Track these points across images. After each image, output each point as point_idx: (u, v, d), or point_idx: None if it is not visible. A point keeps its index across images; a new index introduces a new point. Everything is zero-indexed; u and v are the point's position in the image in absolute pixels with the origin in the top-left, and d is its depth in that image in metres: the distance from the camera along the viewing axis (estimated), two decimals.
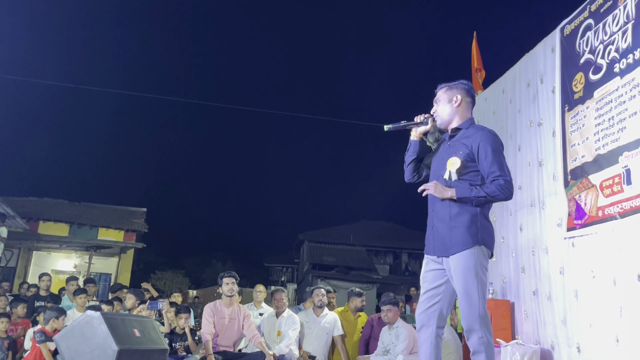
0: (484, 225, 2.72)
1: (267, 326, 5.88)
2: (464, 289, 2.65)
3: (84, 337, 4.22)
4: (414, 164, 3.07)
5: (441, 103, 2.95)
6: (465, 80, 2.99)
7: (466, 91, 2.93)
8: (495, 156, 2.72)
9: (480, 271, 2.65)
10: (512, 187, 2.71)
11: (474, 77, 6.65)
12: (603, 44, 3.97)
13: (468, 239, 2.67)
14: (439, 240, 2.79)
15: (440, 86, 3.00)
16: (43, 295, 7.49)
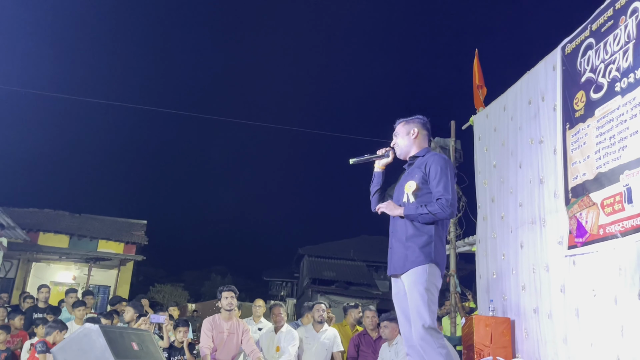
0: (438, 246, 2.92)
1: (265, 341, 5.85)
2: (412, 304, 2.83)
3: (82, 350, 4.20)
4: (378, 193, 3.28)
5: (400, 136, 3.24)
6: (421, 115, 3.28)
7: (422, 125, 3.23)
8: (442, 177, 2.95)
9: (430, 287, 2.83)
10: (453, 206, 2.91)
11: (476, 94, 6.68)
12: (604, 63, 4.00)
13: (421, 257, 2.87)
14: (395, 259, 3.00)
15: (399, 121, 3.29)
16: (41, 307, 7.45)
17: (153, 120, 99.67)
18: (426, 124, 3.24)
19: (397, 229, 3.04)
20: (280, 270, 34.39)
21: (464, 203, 7.68)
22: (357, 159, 3.28)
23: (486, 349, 4.65)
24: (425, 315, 2.76)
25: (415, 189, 3.00)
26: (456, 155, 8.12)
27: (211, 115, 37.37)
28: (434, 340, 2.73)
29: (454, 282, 7.74)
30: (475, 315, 5.10)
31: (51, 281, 15.51)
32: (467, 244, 8.06)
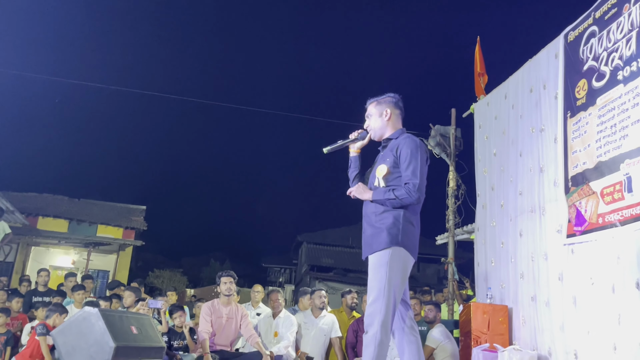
0: (406, 228, 2.86)
1: (264, 326, 5.88)
2: (372, 284, 2.78)
3: (81, 333, 4.22)
4: (358, 178, 3.20)
5: (373, 117, 3.15)
6: (392, 93, 3.16)
7: (394, 104, 3.13)
8: (411, 161, 2.89)
9: (392, 270, 2.77)
10: (421, 191, 2.86)
11: (477, 82, 6.66)
12: (607, 51, 3.98)
13: (387, 239, 2.81)
14: (365, 242, 2.96)
15: (370, 101, 3.18)
16: (41, 291, 7.48)
17: (153, 105, 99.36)
18: (398, 103, 3.15)
19: (367, 211, 3.00)
20: (279, 257, 34.51)
21: (464, 191, 7.70)
22: (331, 146, 3.15)
23: (483, 336, 4.68)
24: (382, 299, 2.71)
25: (386, 173, 2.95)
26: (456, 144, 8.13)
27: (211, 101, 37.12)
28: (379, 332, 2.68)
29: (452, 269, 7.79)
30: (473, 303, 5.13)
31: (50, 265, 15.55)
32: (465, 232, 8.09)
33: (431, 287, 12.16)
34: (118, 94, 63.94)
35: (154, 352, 4.78)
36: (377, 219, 2.89)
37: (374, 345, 2.66)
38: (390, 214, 2.86)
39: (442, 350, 5.39)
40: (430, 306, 5.81)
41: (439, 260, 12.28)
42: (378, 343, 2.66)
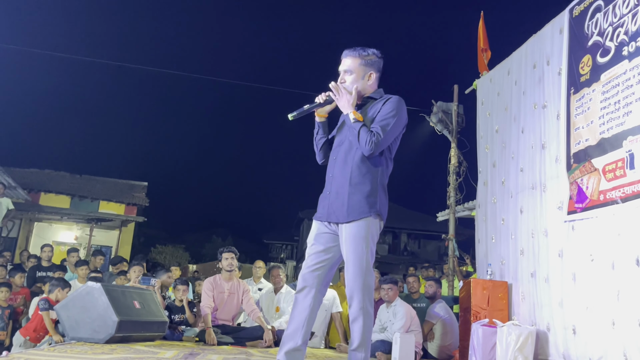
0: (382, 197, 2.72)
1: (265, 302, 5.93)
2: (354, 257, 2.63)
3: (85, 307, 4.27)
4: (326, 145, 2.95)
5: (354, 76, 2.84)
6: (376, 50, 2.89)
7: (378, 66, 2.88)
8: (388, 118, 2.70)
9: (371, 241, 2.66)
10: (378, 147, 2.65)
11: (480, 58, 6.59)
12: (612, 26, 3.92)
13: (365, 208, 2.65)
14: (335, 206, 2.72)
15: (351, 54, 2.86)
16: (45, 266, 7.54)
17: (155, 82, 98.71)
18: (380, 65, 2.88)
19: (337, 173, 2.76)
20: (281, 233, 34.69)
21: (465, 168, 7.69)
22: (297, 112, 2.82)
23: (483, 312, 4.72)
24: (364, 271, 2.60)
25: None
26: (458, 120, 8.09)
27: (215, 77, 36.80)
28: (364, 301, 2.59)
29: (452, 246, 7.82)
30: (473, 279, 5.16)
31: (53, 241, 15.66)
32: (466, 208, 8.10)
33: (432, 263, 12.23)
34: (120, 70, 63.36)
35: (156, 326, 4.84)
36: (353, 184, 2.69)
37: (362, 315, 2.59)
38: (368, 181, 2.69)
39: (441, 325, 5.45)
40: (430, 282, 5.86)
41: (440, 236, 12.33)
42: (365, 313, 2.59)
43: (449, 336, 5.40)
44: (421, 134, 10.21)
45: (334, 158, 2.83)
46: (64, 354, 3.24)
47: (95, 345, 3.96)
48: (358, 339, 2.59)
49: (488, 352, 4.37)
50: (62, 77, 76.43)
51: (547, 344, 4.24)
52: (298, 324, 2.63)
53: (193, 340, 5.29)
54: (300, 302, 2.68)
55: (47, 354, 3.17)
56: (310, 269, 2.71)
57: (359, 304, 2.59)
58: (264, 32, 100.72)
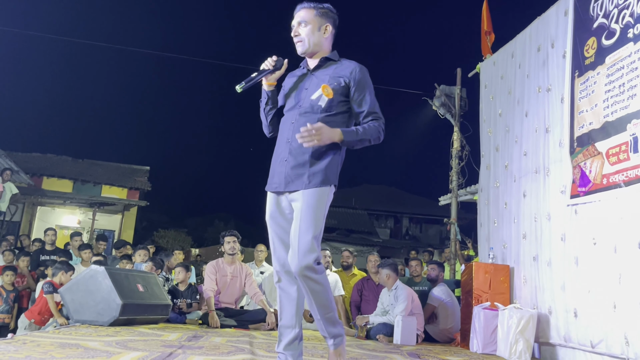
0: (339, 165, 2.56)
1: (268, 285, 5.97)
2: (308, 225, 2.40)
3: (89, 290, 4.30)
4: (276, 117, 2.74)
5: (309, 28, 2.61)
6: (331, 6, 2.68)
7: (334, 21, 2.67)
8: (371, 92, 2.56)
9: (326, 210, 2.48)
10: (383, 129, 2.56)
11: (483, 40, 6.54)
12: (618, 8, 3.88)
13: (324, 177, 2.46)
14: (292, 175, 2.52)
15: (305, 6, 2.63)
16: (48, 250, 7.58)
17: (158, 65, 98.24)
18: (336, 20, 2.68)
19: (295, 140, 2.49)
20: None
21: (468, 152, 7.68)
22: (245, 81, 2.59)
23: (484, 295, 4.74)
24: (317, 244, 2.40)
25: (334, 98, 2.53)
26: (461, 104, 8.06)
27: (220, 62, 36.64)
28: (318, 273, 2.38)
29: (454, 230, 7.84)
30: (475, 262, 5.18)
31: (56, 225, 15.73)
32: (468, 192, 8.10)
33: (434, 247, 12.27)
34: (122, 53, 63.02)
35: (160, 309, 4.88)
36: (313, 152, 2.48)
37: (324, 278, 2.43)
38: (326, 148, 2.48)
39: (443, 308, 5.48)
40: (433, 265, 5.89)
41: (442, 221, 12.34)
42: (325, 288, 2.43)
43: (451, 319, 5.44)
44: (424, 117, 10.18)
45: (291, 121, 2.60)
46: (68, 336, 3.27)
47: (100, 327, 3.99)
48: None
49: (489, 335, 4.41)
50: (64, 61, 76.15)
51: (548, 327, 4.26)
52: (290, 313, 2.52)
53: (196, 323, 5.33)
54: (285, 291, 2.55)
55: (52, 336, 3.20)
56: (280, 261, 2.55)
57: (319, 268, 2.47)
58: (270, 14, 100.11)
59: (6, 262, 6.76)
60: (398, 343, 4.78)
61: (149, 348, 2.96)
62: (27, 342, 2.78)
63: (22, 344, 2.69)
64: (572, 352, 3.98)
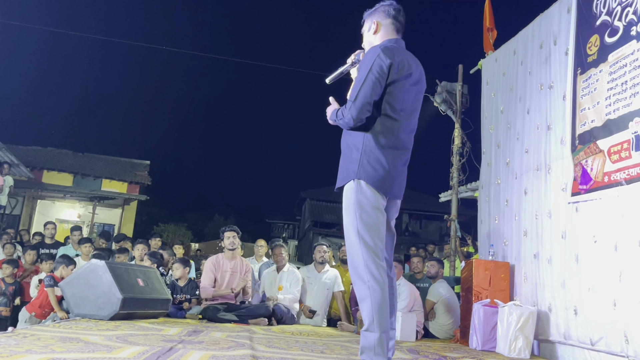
0: (371, 163, 2.44)
1: (268, 280, 5.97)
2: (344, 229, 2.45)
3: (89, 285, 4.30)
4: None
5: (365, 34, 2.76)
6: (388, 1, 2.72)
7: (385, 13, 2.67)
8: (359, 76, 2.49)
9: (360, 209, 2.39)
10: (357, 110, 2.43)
11: (485, 37, 6.52)
12: (621, 6, 3.86)
13: (349, 171, 2.47)
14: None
15: (365, 14, 2.77)
16: (48, 243, 7.59)
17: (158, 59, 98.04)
18: (389, 11, 2.66)
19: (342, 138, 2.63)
20: (283, 213, 34.81)
21: (469, 149, 7.67)
22: (332, 75, 2.74)
23: (484, 292, 4.74)
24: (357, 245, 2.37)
25: None
26: (463, 100, 8.05)
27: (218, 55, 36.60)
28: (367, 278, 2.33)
29: (454, 226, 7.84)
30: (475, 259, 5.18)
31: (57, 218, 15.74)
32: (469, 189, 8.11)
33: (433, 243, 12.27)
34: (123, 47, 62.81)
35: (160, 303, 4.88)
36: (347, 143, 2.55)
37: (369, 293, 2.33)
38: (357, 136, 2.49)
39: (443, 304, 5.49)
40: (432, 262, 5.89)
41: (442, 217, 12.34)
42: (372, 290, 2.32)
43: (450, 315, 5.45)
44: (425, 114, 10.15)
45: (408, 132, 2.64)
46: (68, 330, 3.27)
47: (100, 321, 4.00)
48: (367, 318, 2.33)
49: (489, 331, 4.41)
50: (64, 55, 75.99)
51: (548, 324, 4.27)
52: None
53: (196, 318, 5.33)
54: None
55: (52, 330, 3.20)
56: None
57: (363, 283, 2.37)
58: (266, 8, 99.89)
59: (7, 255, 6.77)
60: (397, 339, 4.79)
61: (149, 342, 2.96)
62: (27, 335, 2.78)
63: (23, 337, 2.69)
64: (571, 349, 3.99)
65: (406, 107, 2.54)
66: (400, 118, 2.52)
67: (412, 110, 2.60)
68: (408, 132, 2.59)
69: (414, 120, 2.62)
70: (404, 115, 2.53)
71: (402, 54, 2.56)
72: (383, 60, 2.46)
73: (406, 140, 2.58)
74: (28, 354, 2.21)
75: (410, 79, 2.54)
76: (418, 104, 2.65)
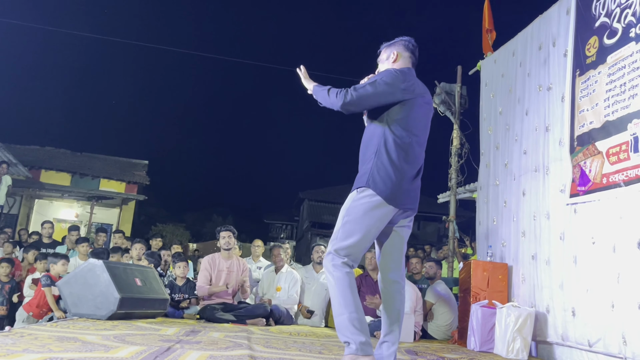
0: (381, 173, 2.61)
1: (266, 281, 5.97)
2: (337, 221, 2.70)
3: (87, 284, 4.30)
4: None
5: (381, 63, 2.98)
6: (407, 37, 2.97)
7: (404, 46, 2.92)
8: (370, 81, 2.68)
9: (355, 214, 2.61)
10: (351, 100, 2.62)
11: (484, 38, 6.53)
12: (620, 7, 3.87)
13: (360, 178, 2.71)
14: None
15: (382, 46, 3.01)
16: (45, 242, 7.57)
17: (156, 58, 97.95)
18: (408, 45, 2.92)
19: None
20: (281, 213, 34.79)
21: (467, 150, 7.67)
22: None
23: (482, 293, 4.74)
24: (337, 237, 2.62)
25: None
26: (461, 102, 8.04)
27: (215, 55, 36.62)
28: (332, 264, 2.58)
29: (452, 227, 7.84)
30: (474, 260, 5.18)
31: (54, 218, 15.69)
32: (467, 190, 8.11)
33: (431, 245, 12.27)
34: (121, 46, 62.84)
35: (158, 303, 4.87)
36: (362, 152, 2.77)
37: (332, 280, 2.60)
38: (371, 144, 2.70)
39: (441, 305, 5.49)
40: (431, 263, 5.89)
41: (440, 218, 12.34)
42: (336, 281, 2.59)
43: (448, 316, 5.45)
44: None
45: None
46: (66, 329, 3.27)
47: (98, 321, 3.99)
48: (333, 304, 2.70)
49: (487, 332, 4.41)
50: (62, 53, 75.93)
51: (546, 326, 4.27)
52: None
53: (194, 318, 5.33)
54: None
55: (50, 329, 3.19)
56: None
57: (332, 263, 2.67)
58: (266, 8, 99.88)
59: (5, 254, 6.75)
60: None
61: (147, 342, 2.95)
62: (24, 335, 2.78)
63: (20, 337, 2.69)
64: (569, 350, 3.99)
65: (418, 125, 2.72)
66: (411, 135, 2.67)
67: (423, 128, 2.79)
68: (420, 149, 2.75)
69: (424, 137, 2.79)
70: (415, 132, 2.70)
71: (414, 78, 2.80)
72: (398, 77, 2.68)
73: (418, 155, 2.73)
74: (25, 353, 2.20)
75: (422, 99, 2.75)
76: (428, 123, 2.85)
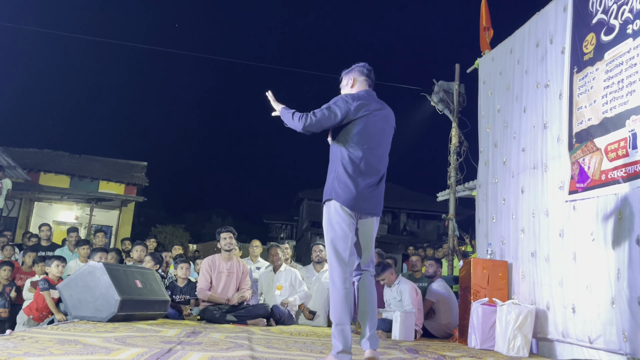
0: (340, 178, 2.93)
1: (265, 280, 5.97)
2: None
3: (87, 286, 4.29)
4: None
5: (343, 88, 3.27)
6: (362, 63, 3.25)
7: (359, 72, 3.21)
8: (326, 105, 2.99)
9: (331, 225, 2.92)
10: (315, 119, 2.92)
11: (482, 36, 6.53)
12: (617, 4, 3.87)
13: (326, 191, 3.00)
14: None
15: (342, 73, 3.30)
16: (44, 245, 7.55)
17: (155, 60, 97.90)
18: (363, 70, 3.22)
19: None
20: (280, 214, 34.80)
21: (466, 148, 7.68)
22: None
23: (482, 291, 4.75)
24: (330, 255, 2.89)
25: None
26: (460, 100, 8.06)
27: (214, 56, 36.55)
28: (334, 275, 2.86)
29: (452, 225, 7.85)
30: (473, 258, 5.18)
31: (54, 220, 15.70)
32: (467, 188, 8.11)
33: (431, 243, 12.28)
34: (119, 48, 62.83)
35: (159, 305, 4.87)
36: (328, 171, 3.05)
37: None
38: (334, 158, 3.00)
39: (441, 303, 5.49)
40: (430, 261, 5.90)
41: (439, 216, 12.35)
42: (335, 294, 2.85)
43: (449, 314, 5.45)
44: (422, 113, 10.17)
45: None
46: (67, 332, 3.27)
47: (98, 323, 3.99)
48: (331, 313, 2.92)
49: (487, 330, 4.42)
50: (61, 56, 75.83)
51: (546, 323, 4.28)
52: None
53: (195, 319, 5.33)
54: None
55: (51, 332, 3.19)
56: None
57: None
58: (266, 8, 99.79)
59: (6, 257, 6.74)
60: (396, 339, 4.79)
61: (148, 344, 2.95)
62: (25, 338, 2.78)
63: (21, 340, 2.69)
64: (570, 347, 4.00)
65: (372, 139, 2.98)
66: (364, 149, 2.94)
67: (379, 142, 3.03)
68: (376, 160, 2.99)
69: (381, 150, 3.05)
70: (371, 145, 2.97)
71: (367, 99, 3.05)
72: (347, 100, 2.98)
73: (374, 165, 2.98)
74: (26, 356, 2.20)
75: (374, 117, 3.01)
76: (386, 135, 3.10)
